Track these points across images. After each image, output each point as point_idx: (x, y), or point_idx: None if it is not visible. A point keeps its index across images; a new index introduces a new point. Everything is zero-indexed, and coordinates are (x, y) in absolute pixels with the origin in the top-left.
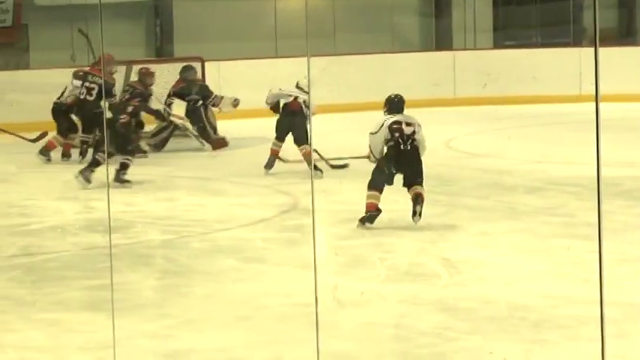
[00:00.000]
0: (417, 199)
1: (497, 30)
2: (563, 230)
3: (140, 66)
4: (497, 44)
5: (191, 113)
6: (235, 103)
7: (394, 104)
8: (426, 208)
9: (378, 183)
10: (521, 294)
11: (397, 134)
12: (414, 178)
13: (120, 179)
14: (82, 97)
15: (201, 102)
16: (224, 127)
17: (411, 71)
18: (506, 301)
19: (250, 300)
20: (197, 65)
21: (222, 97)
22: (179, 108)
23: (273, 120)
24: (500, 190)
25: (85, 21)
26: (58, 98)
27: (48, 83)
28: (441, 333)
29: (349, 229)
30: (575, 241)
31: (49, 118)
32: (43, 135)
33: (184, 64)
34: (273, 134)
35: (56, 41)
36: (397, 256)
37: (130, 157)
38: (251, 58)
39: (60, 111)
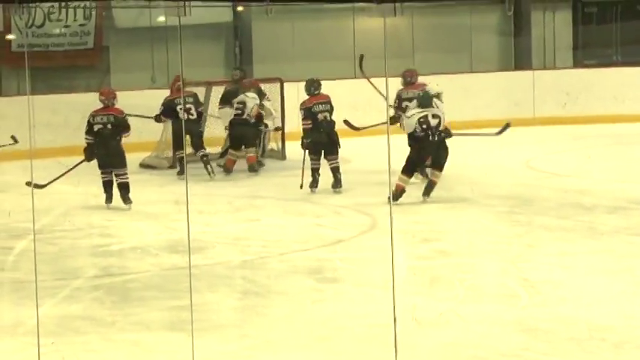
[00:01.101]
0: (431, 185)
1: (576, 49)
2: None
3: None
4: (577, 63)
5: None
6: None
7: (423, 100)
8: (506, 229)
9: (408, 170)
10: (602, 315)
11: (425, 126)
12: (438, 161)
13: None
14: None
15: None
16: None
17: (491, 91)
18: (586, 322)
19: (329, 321)
20: (276, 86)
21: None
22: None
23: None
24: (581, 209)
25: (165, 42)
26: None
27: (128, 105)
28: (521, 354)
29: (428, 250)
30: None
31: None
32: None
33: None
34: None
35: (136, 63)
36: (476, 277)
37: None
38: (330, 79)
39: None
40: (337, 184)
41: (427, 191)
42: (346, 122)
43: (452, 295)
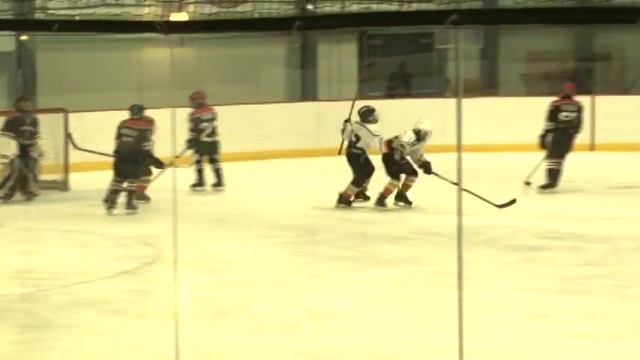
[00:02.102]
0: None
1: (362, 81)
2: (425, 279)
3: None
4: (363, 95)
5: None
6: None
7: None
8: (290, 259)
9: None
10: (385, 343)
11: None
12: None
13: None
14: None
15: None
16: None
17: (277, 122)
18: (369, 351)
19: (113, 353)
20: (61, 117)
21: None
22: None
23: None
24: (364, 239)
25: None
26: None
27: None
28: None
29: (212, 280)
30: (437, 290)
31: None
32: None
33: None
34: None
35: None
36: (260, 307)
37: None
38: (115, 109)
39: None
40: (129, 205)
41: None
42: (69, 136)
43: (235, 325)
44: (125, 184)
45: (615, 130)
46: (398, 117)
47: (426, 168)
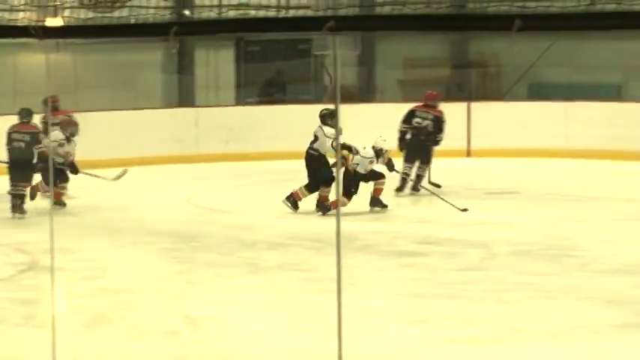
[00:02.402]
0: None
1: (239, 87)
2: (304, 285)
3: None
4: (240, 101)
5: None
6: None
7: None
8: (169, 266)
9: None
10: (264, 350)
11: None
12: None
13: None
14: None
15: None
16: None
17: (155, 128)
18: (249, 357)
19: None
20: None
21: None
22: None
23: None
24: (243, 246)
25: None
26: None
27: None
28: None
29: (90, 287)
30: (316, 296)
31: None
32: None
33: None
34: None
35: None
36: (138, 314)
37: None
38: None
39: None
40: (19, 210)
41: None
42: None
43: (113, 333)
44: (20, 188)
45: (491, 135)
46: (275, 123)
47: (389, 165)
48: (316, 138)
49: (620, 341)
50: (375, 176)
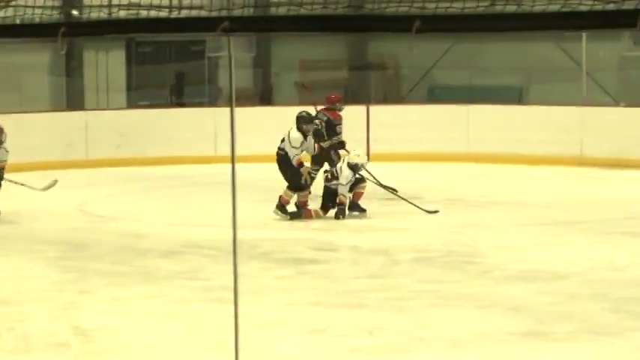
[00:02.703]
0: None
1: (130, 89)
2: (199, 294)
3: None
4: (131, 104)
5: None
6: None
7: None
8: (58, 275)
9: None
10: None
11: None
12: None
13: None
14: None
15: None
16: None
17: (43, 132)
18: None
19: None
20: None
21: None
22: None
23: None
24: (136, 254)
25: None
26: None
27: None
28: None
29: None
30: (211, 305)
31: None
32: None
33: None
34: None
35: None
36: (26, 326)
37: None
38: None
39: None
40: None
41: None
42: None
43: None
44: None
45: (390, 139)
46: (167, 127)
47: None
48: (283, 139)
49: (523, 350)
50: (355, 182)
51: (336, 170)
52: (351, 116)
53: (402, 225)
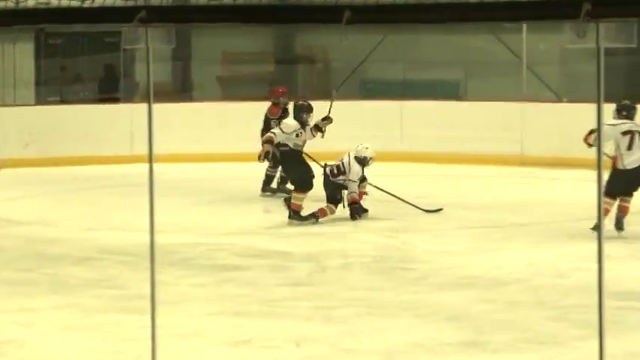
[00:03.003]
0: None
1: (39, 84)
2: (114, 304)
3: None
4: (40, 100)
5: None
6: None
7: None
8: None
9: None
10: None
11: None
12: None
13: None
14: None
15: None
16: None
17: None
18: None
19: None
20: None
21: None
22: None
23: None
24: (45, 261)
25: None
26: None
27: None
28: None
29: None
30: (127, 316)
31: None
32: None
33: None
34: None
35: None
36: None
37: None
38: None
39: None
40: None
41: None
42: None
43: None
44: None
45: (318, 137)
46: (79, 124)
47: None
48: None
49: None
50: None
51: (342, 165)
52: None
53: (330, 229)
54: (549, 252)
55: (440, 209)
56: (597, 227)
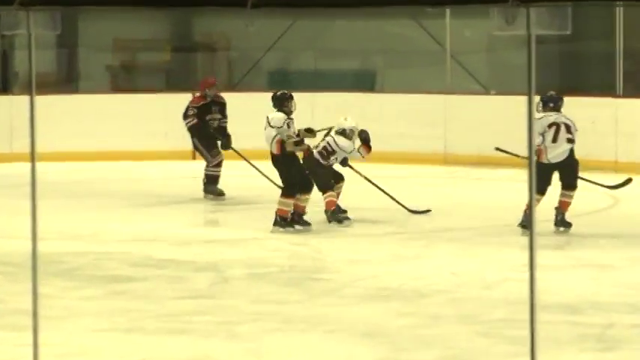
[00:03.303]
0: None
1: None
2: None
3: None
4: None
5: None
6: None
7: None
8: None
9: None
10: None
11: None
12: None
13: None
14: None
15: None
16: None
17: None
18: None
19: None
20: None
21: None
22: None
23: None
24: None
25: None
26: None
27: None
28: None
29: None
30: (5, 333)
31: None
32: None
33: None
34: None
35: None
36: None
37: None
38: None
39: None
40: None
41: None
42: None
43: None
44: None
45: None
46: None
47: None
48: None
49: None
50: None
51: (329, 144)
52: (173, 105)
53: (233, 235)
54: (476, 261)
55: (428, 210)
56: (526, 225)
